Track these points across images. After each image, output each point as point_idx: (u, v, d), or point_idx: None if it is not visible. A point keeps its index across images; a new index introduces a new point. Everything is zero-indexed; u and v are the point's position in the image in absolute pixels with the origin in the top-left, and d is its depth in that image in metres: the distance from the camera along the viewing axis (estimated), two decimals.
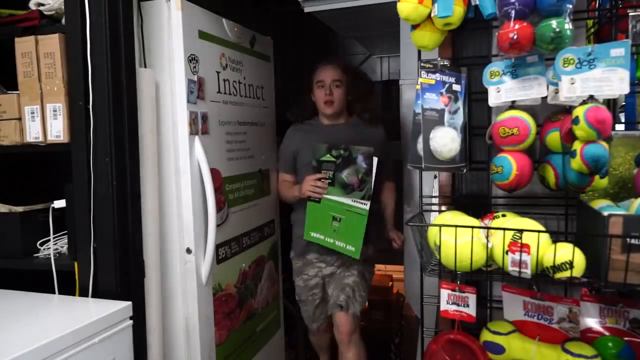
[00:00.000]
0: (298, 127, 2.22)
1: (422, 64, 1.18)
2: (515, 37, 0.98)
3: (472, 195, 1.32)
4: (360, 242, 1.90)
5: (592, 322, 1.15)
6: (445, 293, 1.20)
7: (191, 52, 1.68)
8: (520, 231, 1.02)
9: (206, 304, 1.75)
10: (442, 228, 1.09)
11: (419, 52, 1.26)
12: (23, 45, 1.53)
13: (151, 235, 1.59)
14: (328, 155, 1.91)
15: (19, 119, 1.56)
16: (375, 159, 1.83)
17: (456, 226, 1.07)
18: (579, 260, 0.98)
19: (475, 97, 1.24)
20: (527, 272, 1.01)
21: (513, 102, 1.08)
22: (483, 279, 1.25)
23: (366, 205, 1.87)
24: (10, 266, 1.60)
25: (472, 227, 1.07)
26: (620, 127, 1.25)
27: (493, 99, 1.10)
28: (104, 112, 1.46)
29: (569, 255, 0.98)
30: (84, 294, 1.49)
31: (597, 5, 1.21)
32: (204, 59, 1.74)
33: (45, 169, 1.78)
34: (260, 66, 2.18)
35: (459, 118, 1.19)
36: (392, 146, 2.14)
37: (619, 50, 0.96)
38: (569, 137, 1.01)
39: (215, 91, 1.83)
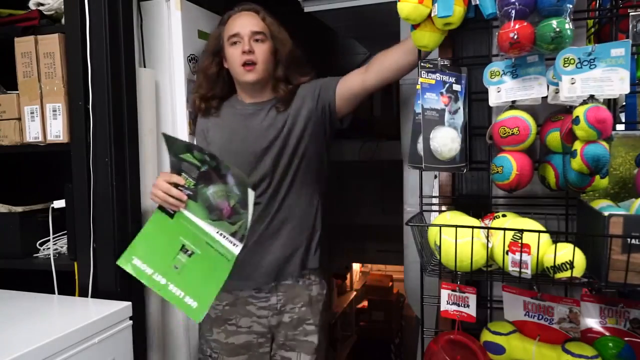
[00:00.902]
0: (208, 121, 1.57)
1: (422, 64, 1.18)
2: (515, 37, 0.98)
3: (472, 195, 1.32)
4: (211, 300, 1.26)
5: (592, 322, 1.15)
6: (445, 293, 1.20)
7: (191, 52, 1.68)
8: (521, 231, 1.02)
9: None
10: (442, 228, 1.09)
11: (419, 52, 1.26)
12: (23, 45, 1.53)
13: None
14: (189, 155, 1.28)
15: (19, 119, 1.56)
16: (251, 194, 1.24)
17: (456, 226, 1.07)
18: (579, 260, 0.98)
19: (476, 97, 1.24)
20: (528, 272, 1.01)
21: (513, 102, 1.08)
22: (483, 279, 1.24)
23: (237, 248, 1.28)
24: (10, 266, 1.60)
25: (473, 227, 1.07)
26: (620, 127, 1.24)
27: (493, 99, 1.10)
28: (103, 112, 1.46)
29: (569, 256, 0.97)
30: (83, 294, 1.49)
31: (597, 5, 1.21)
32: None
33: (44, 169, 1.78)
34: None
35: (459, 118, 1.19)
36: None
37: (620, 50, 0.96)
38: (570, 137, 1.01)
39: None
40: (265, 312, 1.53)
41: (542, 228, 1.04)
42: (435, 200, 1.34)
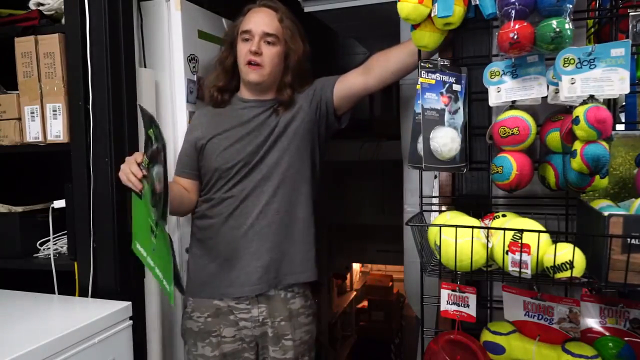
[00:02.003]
0: (208, 110, 1.58)
1: (422, 64, 1.18)
2: (515, 37, 0.98)
3: (472, 195, 1.32)
4: (172, 282, 1.23)
5: (592, 322, 1.15)
6: (445, 293, 1.20)
7: (191, 52, 1.68)
8: (521, 231, 1.02)
9: None
10: (442, 228, 1.09)
11: (419, 52, 1.26)
12: (23, 45, 1.53)
13: None
14: (150, 130, 1.21)
15: (19, 119, 1.56)
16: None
17: (456, 226, 1.07)
18: (579, 260, 0.98)
19: (476, 97, 1.24)
20: (528, 272, 1.01)
21: (513, 102, 1.08)
22: (483, 279, 1.24)
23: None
24: (10, 266, 1.60)
25: (473, 227, 1.07)
26: (620, 127, 1.24)
27: (493, 99, 1.10)
28: (103, 112, 1.46)
29: (569, 256, 0.97)
30: (83, 294, 1.49)
31: (597, 5, 1.21)
32: (203, 59, 1.74)
33: (45, 169, 1.78)
34: None
35: (459, 118, 1.19)
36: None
37: (619, 50, 0.96)
38: (569, 137, 1.01)
39: None
40: (248, 324, 1.49)
41: (542, 228, 1.04)
42: (435, 200, 1.34)
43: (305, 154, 1.53)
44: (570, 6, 0.98)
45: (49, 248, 1.59)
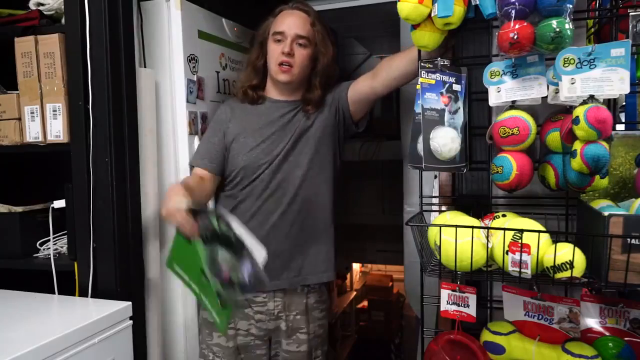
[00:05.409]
0: (235, 103, 1.60)
1: (422, 64, 1.18)
2: (515, 37, 0.98)
3: (472, 195, 1.32)
4: (227, 320, 1.28)
5: (592, 322, 1.15)
6: (445, 293, 1.20)
7: (191, 52, 1.68)
8: (521, 231, 1.02)
9: None
10: (442, 228, 1.09)
11: (419, 52, 1.26)
12: (23, 45, 1.53)
13: (151, 235, 1.59)
14: (213, 218, 1.25)
15: (19, 119, 1.56)
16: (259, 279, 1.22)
17: (456, 226, 1.07)
18: (579, 260, 0.98)
19: (476, 97, 1.24)
20: (528, 272, 1.01)
21: (513, 102, 1.08)
22: (483, 279, 1.24)
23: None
24: (10, 266, 1.60)
25: (473, 227, 1.07)
26: (620, 127, 1.24)
27: (493, 99, 1.10)
28: (103, 112, 1.46)
29: (569, 256, 0.97)
30: (83, 294, 1.49)
31: (597, 5, 1.21)
32: (203, 59, 1.74)
33: (45, 169, 1.78)
34: None
35: (459, 118, 1.19)
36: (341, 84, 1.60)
37: (619, 50, 0.96)
38: (569, 137, 1.01)
39: (215, 91, 1.83)
40: (263, 317, 1.52)
41: (542, 228, 1.04)
42: (435, 200, 1.34)
43: (326, 156, 1.56)
44: (570, 6, 0.98)
45: (49, 248, 1.59)
